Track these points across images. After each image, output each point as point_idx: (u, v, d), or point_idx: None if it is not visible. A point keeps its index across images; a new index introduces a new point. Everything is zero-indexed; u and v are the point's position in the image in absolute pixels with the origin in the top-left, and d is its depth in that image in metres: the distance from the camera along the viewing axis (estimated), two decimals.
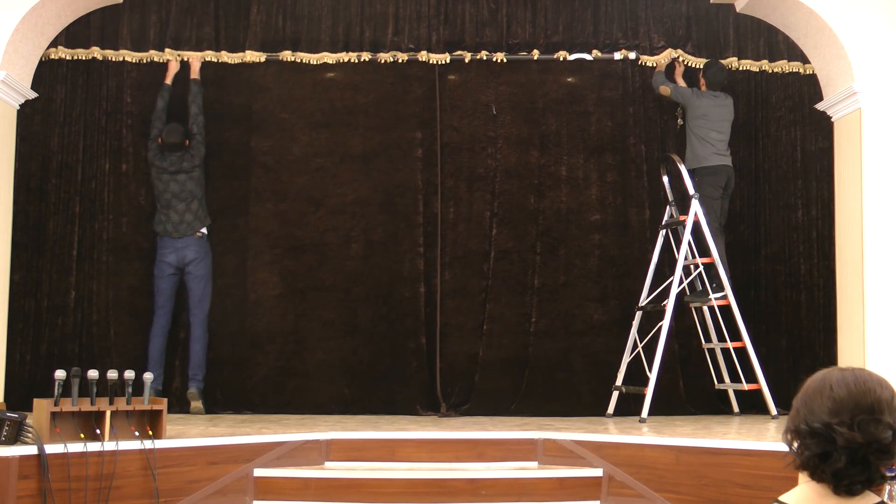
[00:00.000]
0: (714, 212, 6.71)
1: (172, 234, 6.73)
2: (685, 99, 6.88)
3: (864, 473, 1.72)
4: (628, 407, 6.65)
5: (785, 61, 7.20)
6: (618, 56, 7.18)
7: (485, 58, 7.12)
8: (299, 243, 7.06)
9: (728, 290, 6.48)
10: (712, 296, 6.53)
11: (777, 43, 7.21)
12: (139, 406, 4.71)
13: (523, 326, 7.02)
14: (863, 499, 1.76)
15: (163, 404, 4.81)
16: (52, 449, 4.33)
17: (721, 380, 6.78)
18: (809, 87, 7.13)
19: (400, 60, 7.10)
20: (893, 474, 2.13)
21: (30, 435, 4.36)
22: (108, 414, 4.56)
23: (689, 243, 6.54)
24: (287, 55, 7.07)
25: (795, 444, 1.79)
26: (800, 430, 1.77)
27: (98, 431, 4.54)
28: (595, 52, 7.17)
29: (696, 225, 6.52)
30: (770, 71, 7.22)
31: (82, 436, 4.50)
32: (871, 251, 6.38)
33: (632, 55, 7.17)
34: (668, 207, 6.86)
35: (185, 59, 6.97)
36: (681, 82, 7.09)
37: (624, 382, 6.62)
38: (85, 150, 7.00)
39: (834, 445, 1.71)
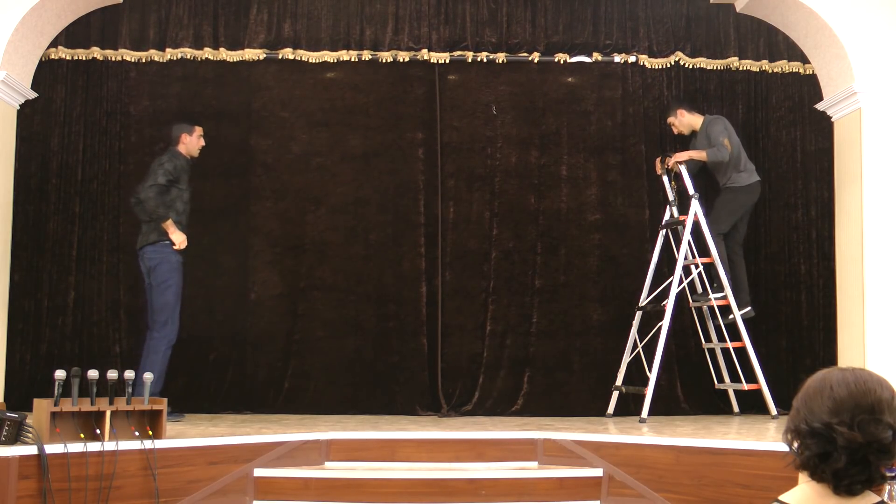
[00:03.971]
0: (729, 220, 6.70)
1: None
2: (728, 130, 6.69)
3: (864, 473, 1.72)
4: (628, 407, 6.65)
5: (785, 61, 7.21)
6: (618, 59, 7.19)
7: (485, 59, 7.12)
8: (300, 243, 7.06)
9: (728, 291, 6.47)
10: (712, 295, 6.53)
11: (777, 43, 7.22)
12: (139, 406, 4.71)
13: (524, 327, 7.02)
14: (863, 499, 1.76)
15: (163, 404, 4.81)
16: (52, 449, 4.33)
17: (721, 380, 6.78)
18: (809, 87, 7.13)
19: (400, 60, 7.11)
20: (893, 474, 2.13)
21: (30, 435, 4.36)
22: (108, 414, 4.56)
23: (689, 243, 6.54)
24: (287, 53, 7.07)
25: (795, 444, 1.79)
26: (800, 430, 1.77)
27: (98, 431, 4.53)
28: (596, 55, 7.18)
29: (696, 225, 6.52)
30: (770, 71, 7.23)
31: (82, 436, 4.49)
32: (871, 251, 6.39)
33: (631, 59, 7.17)
34: (667, 207, 6.86)
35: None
36: (697, 155, 6.74)
37: (624, 382, 6.62)
38: (85, 150, 7.01)
39: (834, 445, 1.71)
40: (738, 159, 6.70)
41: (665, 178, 6.83)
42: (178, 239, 6.24)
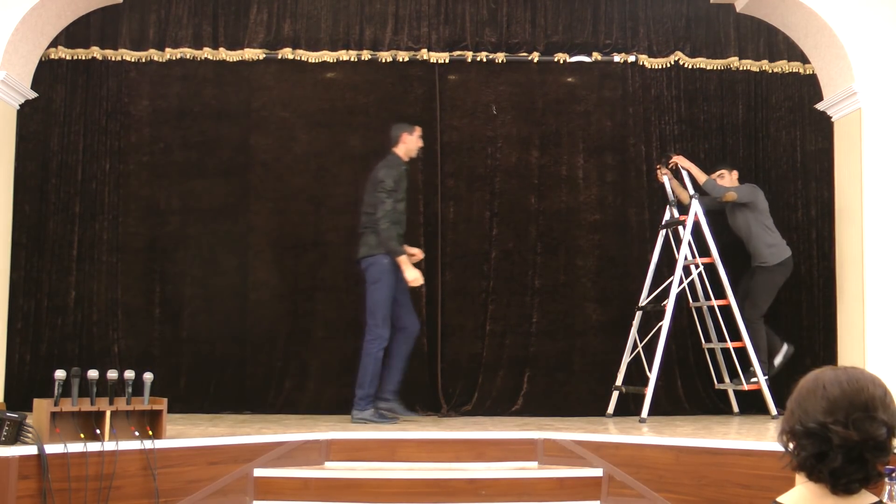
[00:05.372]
0: (769, 300, 6.64)
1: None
2: (752, 196, 6.65)
3: (860, 472, 1.73)
4: (628, 407, 6.65)
5: (785, 61, 7.21)
6: (617, 59, 7.19)
7: (485, 59, 7.13)
8: (300, 243, 7.06)
9: (761, 377, 6.39)
10: (744, 381, 6.46)
11: (777, 43, 7.22)
12: (139, 406, 4.71)
13: (524, 327, 7.02)
14: (861, 498, 1.76)
15: (163, 404, 4.81)
16: (52, 449, 4.33)
17: (721, 380, 6.78)
18: (809, 87, 7.13)
19: (400, 60, 7.11)
20: (893, 474, 2.12)
21: (30, 435, 4.36)
22: (108, 414, 4.56)
23: (689, 243, 6.54)
24: (287, 53, 7.07)
25: (791, 445, 1.79)
26: (795, 431, 1.77)
27: (98, 431, 4.53)
28: (595, 54, 7.18)
29: (696, 225, 6.52)
30: (770, 71, 7.23)
31: (82, 436, 4.50)
32: (871, 251, 6.39)
33: (631, 59, 7.18)
34: (668, 207, 6.86)
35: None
36: (696, 173, 6.69)
37: (624, 382, 6.62)
38: (85, 150, 7.01)
39: (830, 445, 1.72)
40: (764, 233, 6.65)
41: (665, 180, 6.81)
42: (412, 276, 6.11)
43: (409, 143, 6.38)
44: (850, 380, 1.75)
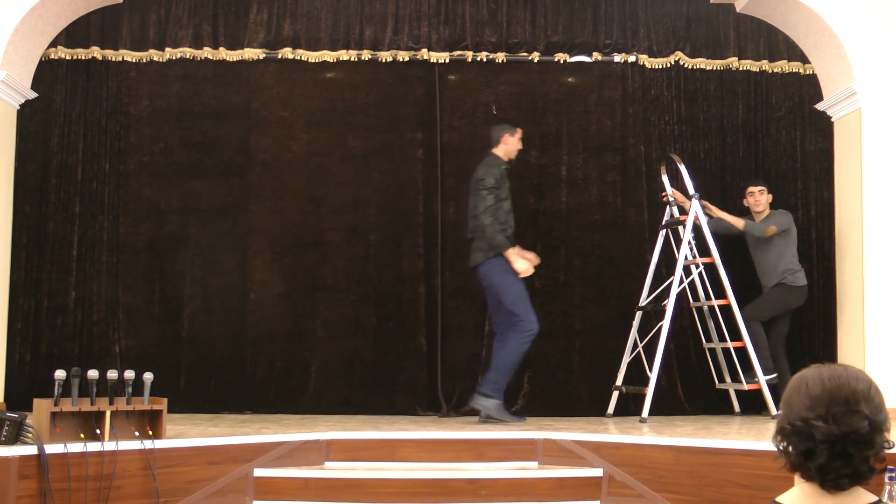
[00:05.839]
0: (772, 312, 6.66)
1: None
2: (788, 223, 6.68)
3: (847, 467, 1.73)
4: (628, 407, 6.65)
5: (785, 61, 7.21)
6: (617, 59, 7.19)
7: (485, 59, 7.13)
8: (299, 242, 7.06)
9: (761, 378, 6.38)
10: (744, 381, 6.45)
11: (777, 43, 7.22)
12: (139, 406, 4.70)
13: None
14: (859, 498, 1.76)
15: (163, 404, 4.80)
16: (52, 449, 4.32)
17: (721, 380, 6.78)
18: (809, 87, 7.13)
19: (400, 60, 7.11)
20: (894, 474, 2.12)
21: (30, 435, 4.36)
22: (108, 414, 4.56)
23: (690, 243, 6.54)
24: (287, 53, 7.08)
25: (783, 445, 1.80)
26: (784, 430, 1.79)
27: (98, 431, 4.53)
28: (595, 54, 7.18)
29: (696, 225, 6.52)
30: (770, 71, 7.23)
31: (82, 436, 4.49)
32: (871, 251, 6.40)
33: (631, 59, 7.18)
34: (667, 207, 6.86)
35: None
36: (732, 219, 6.75)
37: (624, 382, 6.61)
38: (85, 150, 7.01)
39: (814, 441, 1.73)
40: (793, 260, 6.65)
41: (665, 179, 6.81)
42: (522, 267, 6.06)
43: (510, 145, 6.34)
44: (833, 376, 1.77)
